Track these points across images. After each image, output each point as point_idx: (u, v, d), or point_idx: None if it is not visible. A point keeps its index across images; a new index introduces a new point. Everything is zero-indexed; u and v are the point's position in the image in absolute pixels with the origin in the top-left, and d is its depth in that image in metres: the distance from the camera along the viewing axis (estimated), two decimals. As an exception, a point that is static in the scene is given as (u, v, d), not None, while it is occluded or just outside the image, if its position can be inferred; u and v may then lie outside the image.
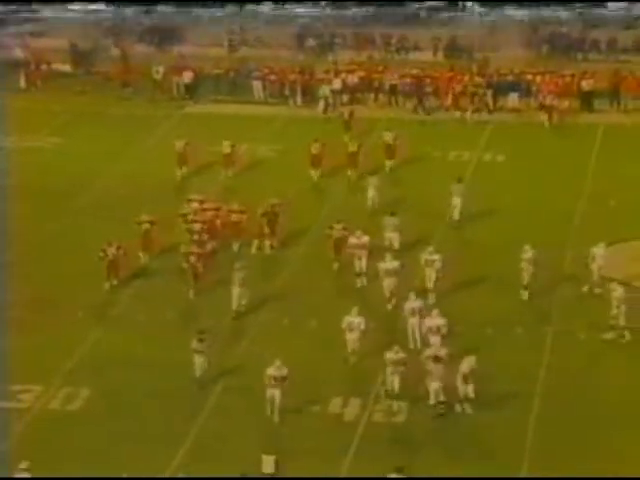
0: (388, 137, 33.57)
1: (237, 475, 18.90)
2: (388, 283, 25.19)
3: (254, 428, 21.16)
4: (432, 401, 21.39)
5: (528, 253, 25.68)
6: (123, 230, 27.94)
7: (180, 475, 19.26)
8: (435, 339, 22.78)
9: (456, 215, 29.40)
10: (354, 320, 23.23)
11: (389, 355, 21.88)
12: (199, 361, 22.42)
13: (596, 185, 32.66)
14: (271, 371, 21.29)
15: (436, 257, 25.46)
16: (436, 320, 23.09)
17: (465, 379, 21.40)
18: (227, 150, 33.23)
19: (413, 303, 23.73)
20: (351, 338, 23.20)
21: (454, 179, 30.21)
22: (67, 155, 35.15)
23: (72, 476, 19.57)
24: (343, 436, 20.97)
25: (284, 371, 21.29)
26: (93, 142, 35.98)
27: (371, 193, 30.38)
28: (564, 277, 26.83)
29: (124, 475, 19.15)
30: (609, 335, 24.20)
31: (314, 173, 32.59)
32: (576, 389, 22.54)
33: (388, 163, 33.23)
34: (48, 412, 21.90)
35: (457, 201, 29.36)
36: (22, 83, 41.17)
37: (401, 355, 21.83)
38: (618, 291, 24.29)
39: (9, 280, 26.70)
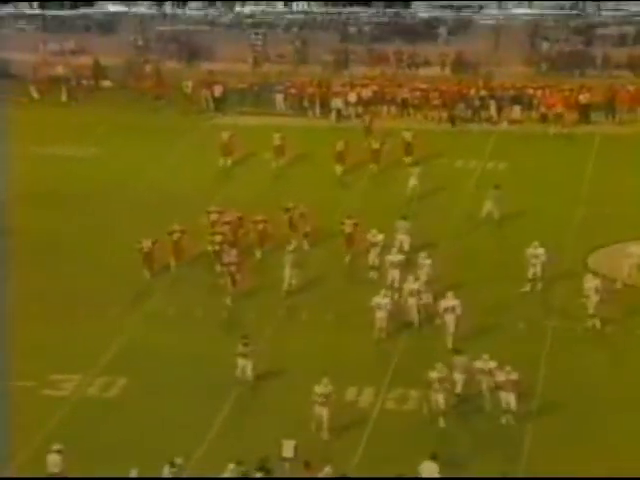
0: (407, 135, 34.31)
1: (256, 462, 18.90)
2: (393, 274, 25.65)
3: (275, 415, 21.19)
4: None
5: (537, 249, 25.89)
6: (156, 231, 28.06)
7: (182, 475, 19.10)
8: (450, 318, 23.36)
9: (496, 215, 29.66)
10: (382, 301, 23.84)
11: (433, 374, 21.03)
12: (242, 364, 22.15)
13: (593, 191, 32.61)
14: (318, 389, 20.62)
15: (427, 261, 25.64)
16: (451, 301, 23.55)
17: (505, 388, 20.78)
18: (277, 142, 34.08)
19: (449, 301, 23.80)
20: (379, 317, 23.76)
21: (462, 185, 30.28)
22: (105, 163, 35.29)
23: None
24: (358, 422, 20.96)
25: (329, 388, 20.65)
26: (129, 151, 36.13)
27: (412, 182, 31.21)
28: (561, 276, 26.76)
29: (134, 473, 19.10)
30: (589, 323, 24.47)
31: (338, 168, 33.37)
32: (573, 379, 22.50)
33: (407, 160, 33.84)
34: (87, 399, 22.01)
35: (490, 204, 29.63)
36: (63, 97, 41.37)
37: (445, 373, 21.13)
38: (591, 282, 24.53)
39: (52, 277, 26.89)
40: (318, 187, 32.42)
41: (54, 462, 18.92)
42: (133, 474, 18.48)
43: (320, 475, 18.46)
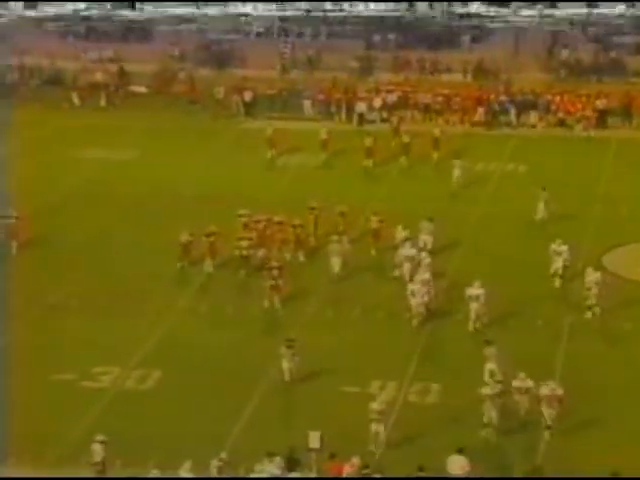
0: (436, 132, 34.92)
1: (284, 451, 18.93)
2: (407, 267, 25.97)
3: (302, 407, 21.25)
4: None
5: (560, 246, 26.02)
6: (190, 228, 28.20)
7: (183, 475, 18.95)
8: (474, 306, 23.86)
9: (540, 216, 29.72)
10: (415, 287, 24.28)
11: (485, 390, 20.42)
12: (287, 366, 21.95)
13: (609, 192, 32.40)
14: (374, 406, 20.02)
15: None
16: (476, 290, 23.95)
17: (548, 404, 20.06)
18: (324, 136, 34.94)
19: (475, 290, 24.00)
20: (414, 303, 24.19)
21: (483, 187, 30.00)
22: (142, 165, 35.49)
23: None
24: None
25: (384, 405, 20.10)
26: (164, 153, 36.31)
27: (456, 173, 32.07)
28: (578, 274, 26.63)
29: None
30: (588, 314, 24.53)
31: (367, 162, 33.99)
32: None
33: (435, 154, 34.22)
34: (124, 391, 22.18)
35: (541, 206, 29.77)
36: (102, 102, 41.66)
37: (498, 389, 20.44)
38: (592, 275, 24.64)
39: (94, 275, 27.09)
40: (349, 186, 32.35)
41: (97, 451, 18.97)
42: (153, 474, 18.46)
43: (346, 465, 18.44)
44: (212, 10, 47.46)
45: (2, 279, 26.30)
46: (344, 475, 18.37)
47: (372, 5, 46.59)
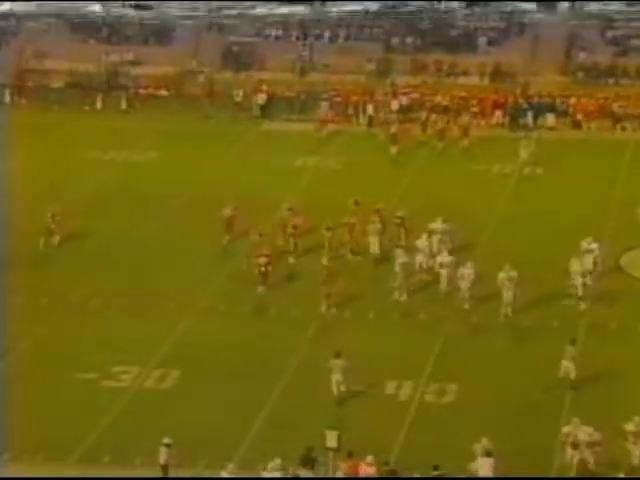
0: (465, 120, 36.97)
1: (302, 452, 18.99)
2: (420, 259, 26.48)
3: (320, 407, 21.32)
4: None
5: (591, 245, 26.22)
6: (209, 228, 28.39)
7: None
8: (464, 284, 24.78)
9: None
10: (465, 271, 24.89)
11: (582, 437, 19.06)
12: (336, 379, 21.22)
13: (625, 194, 32.29)
14: (630, 427, 19.04)
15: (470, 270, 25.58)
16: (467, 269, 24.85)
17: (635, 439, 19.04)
18: (393, 130, 35.94)
19: (508, 273, 24.57)
20: (463, 286, 24.93)
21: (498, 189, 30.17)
22: (162, 166, 35.67)
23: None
24: (398, 413, 21.04)
25: (596, 436, 18.96)
26: (184, 155, 36.46)
27: (523, 154, 34.35)
28: (595, 276, 26.59)
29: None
30: (565, 301, 25.12)
31: (393, 149, 35.05)
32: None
33: (464, 141, 35.84)
34: (144, 390, 22.30)
35: None
36: (123, 105, 41.89)
37: (597, 436, 19.07)
38: (574, 266, 25.18)
39: (115, 276, 27.25)
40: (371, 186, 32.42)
41: (161, 454, 18.88)
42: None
43: (362, 464, 18.48)
44: (231, 12, 47.57)
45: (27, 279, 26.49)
46: (362, 474, 18.41)
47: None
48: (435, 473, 18.33)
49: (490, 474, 18.63)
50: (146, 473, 19.27)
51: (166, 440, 19.00)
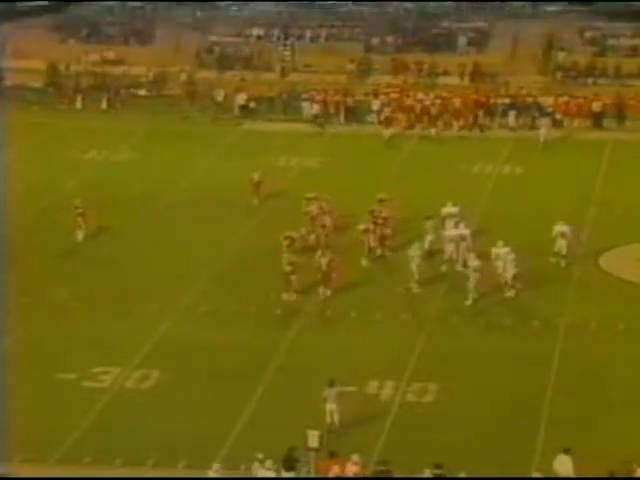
0: (457, 102, 38.20)
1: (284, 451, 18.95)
2: (449, 248, 26.74)
3: (303, 406, 21.27)
4: None
5: (562, 227, 26.75)
6: (190, 229, 28.24)
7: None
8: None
9: None
10: (501, 251, 25.33)
11: None
12: (330, 408, 20.11)
13: (604, 194, 32.46)
14: None
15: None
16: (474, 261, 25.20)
17: None
18: (387, 114, 37.65)
19: (473, 261, 25.11)
20: (500, 265, 25.31)
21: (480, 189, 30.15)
22: (142, 167, 35.50)
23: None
24: (379, 414, 21.04)
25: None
26: (164, 156, 36.32)
27: (543, 132, 36.04)
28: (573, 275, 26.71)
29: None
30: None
31: (386, 132, 36.71)
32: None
33: (456, 124, 37.58)
34: (125, 391, 22.17)
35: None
36: (104, 105, 41.65)
37: None
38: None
39: (95, 277, 27.08)
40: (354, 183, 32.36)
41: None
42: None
43: (348, 464, 18.38)
44: (213, 12, 47.48)
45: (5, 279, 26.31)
46: (349, 474, 18.35)
47: None
48: (437, 472, 18.18)
49: (571, 473, 18.13)
50: (127, 473, 19.15)
51: (260, 455, 17.99)
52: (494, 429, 20.56)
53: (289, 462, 18.68)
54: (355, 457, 18.40)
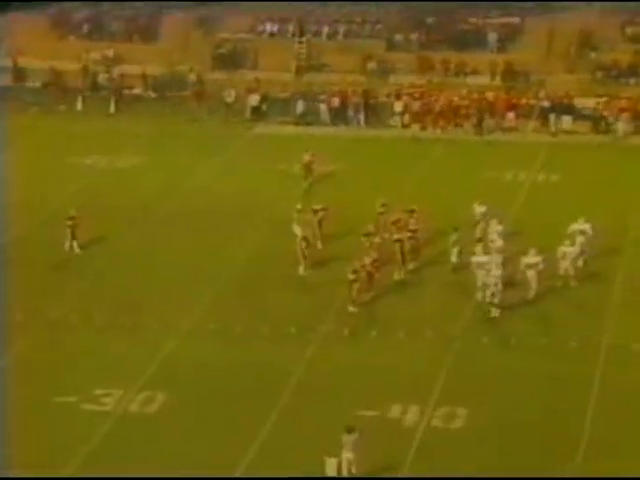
0: (490, 96, 38.63)
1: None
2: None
3: (319, 431, 21.36)
4: None
5: (582, 225, 27.45)
6: (197, 239, 28.46)
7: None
8: (531, 273, 25.81)
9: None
10: (532, 260, 25.81)
11: None
12: (347, 457, 19.49)
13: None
14: None
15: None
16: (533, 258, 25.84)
17: None
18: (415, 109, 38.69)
19: (532, 258, 25.75)
20: (531, 276, 25.90)
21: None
22: (147, 173, 35.73)
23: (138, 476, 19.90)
24: (403, 441, 21.06)
25: None
26: (170, 161, 36.58)
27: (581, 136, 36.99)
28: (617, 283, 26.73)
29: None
30: (559, 283, 26.69)
31: (414, 127, 38.42)
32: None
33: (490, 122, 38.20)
34: (128, 415, 22.29)
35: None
36: (112, 109, 41.88)
37: None
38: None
39: (96, 287, 27.26)
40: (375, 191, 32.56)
41: None
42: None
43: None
44: (223, 7, 47.82)
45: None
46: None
47: None
48: None
49: None
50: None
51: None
52: (528, 458, 20.58)
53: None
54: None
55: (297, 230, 28.59)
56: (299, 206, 29.43)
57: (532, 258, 26.06)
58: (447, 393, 22.64)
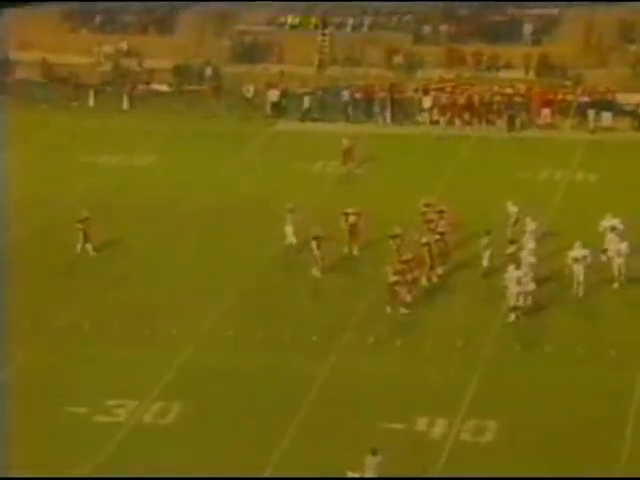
0: (523, 90, 38.88)
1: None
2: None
3: (341, 443, 21.39)
4: None
5: (612, 221, 27.78)
6: (215, 240, 28.48)
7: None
8: (579, 268, 26.21)
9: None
10: (579, 254, 26.19)
11: None
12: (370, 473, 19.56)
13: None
14: None
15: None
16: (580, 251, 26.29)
17: None
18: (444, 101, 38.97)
19: (579, 252, 26.14)
20: (576, 271, 26.21)
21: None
22: (162, 171, 35.88)
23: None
24: (430, 455, 21.06)
25: None
26: (187, 159, 36.75)
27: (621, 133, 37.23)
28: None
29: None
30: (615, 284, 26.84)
31: (443, 120, 38.93)
32: None
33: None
34: (142, 426, 22.39)
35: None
36: (125, 105, 42.14)
37: None
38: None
39: (110, 292, 27.40)
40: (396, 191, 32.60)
41: None
42: None
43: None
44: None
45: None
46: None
47: None
48: None
49: None
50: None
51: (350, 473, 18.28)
52: (563, 472, 20.52)
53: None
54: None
55: (288, 231, 28.61)
56: (289, 205, 29.24)
57: (579, 251, 26.21)
58: (476, 405, 22.63)
